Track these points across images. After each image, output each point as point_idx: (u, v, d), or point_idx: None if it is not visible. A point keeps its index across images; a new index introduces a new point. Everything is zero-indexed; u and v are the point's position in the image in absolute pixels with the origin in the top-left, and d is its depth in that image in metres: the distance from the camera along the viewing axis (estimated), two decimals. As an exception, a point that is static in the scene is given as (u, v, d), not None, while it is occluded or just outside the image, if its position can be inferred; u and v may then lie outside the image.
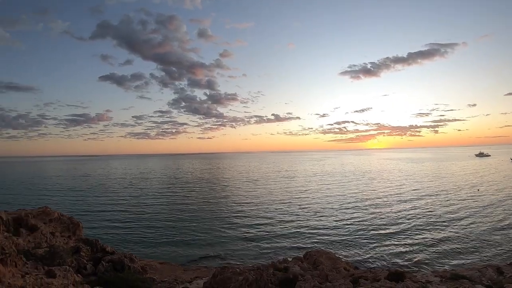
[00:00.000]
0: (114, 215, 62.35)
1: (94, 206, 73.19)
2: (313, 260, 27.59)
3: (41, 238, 23.98)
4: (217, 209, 65.13)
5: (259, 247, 42.63)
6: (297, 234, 47.55)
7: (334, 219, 55.27)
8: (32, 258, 19.42)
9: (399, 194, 78.21)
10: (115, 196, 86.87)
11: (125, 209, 68.47)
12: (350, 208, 63.46)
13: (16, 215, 23.76)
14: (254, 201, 72.81)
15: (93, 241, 27.73)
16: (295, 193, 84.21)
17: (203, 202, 74.65)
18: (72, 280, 18.52)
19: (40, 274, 17.36)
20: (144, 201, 77.30)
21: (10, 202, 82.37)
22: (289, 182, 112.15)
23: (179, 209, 66.43)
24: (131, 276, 22.45)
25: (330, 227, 50.82)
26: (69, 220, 29.05)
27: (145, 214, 63.00)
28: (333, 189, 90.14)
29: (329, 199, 74.00)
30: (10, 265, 16.12)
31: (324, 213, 59.63)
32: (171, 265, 36.66)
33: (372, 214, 57.53)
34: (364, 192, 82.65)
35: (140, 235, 49.06)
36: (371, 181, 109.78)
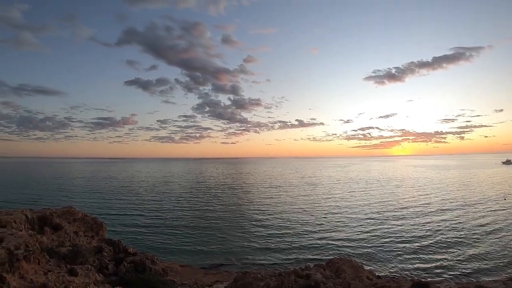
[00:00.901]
0: (136, 217, 62.70)
1: (116, 208, 73.90)
2: (335, 268, 26.88)
3: (65, 237, 24.08)
4: (239, 215, 64.52)
5: (280, 254, 41.97)
6: (319, 243, 46.57)
7: (358, 227, 53.87)
8: (55, 256, 19.43)
9: (425, 203, 75.78)
10: (137, 199, 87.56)
11: (147, 211, 68.84)
12: (375, 216, 61.81)
13: (41, 214, 23.94)
14: (276, 208, 71.83)
15: (115, 242, 27.74)
16: (318, 201, 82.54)
17: (225, 207, 74.20)
18: (93, 279, 18.41)
19: (62, 272, 17.29)
20: (166, 205, 77.55)
21: (35, 201, 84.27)
22: (313, 189, 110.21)
23: (201, 214, 66.30)
24: (152, 278, 22.28)
25: (353, 235, 49.62)
26: (92, 221, 29.19)
27: (166, 217, 63.12)
28: (357, 197, 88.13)
29: (353, 207, 72.30)
30: (33, 262, 16.07)
31: (347, 221, 58.23)
32: (191, 268, 36.50)
33: (397, 224, 55.84)
34: (389, 201, 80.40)
35: (161, 238, 49.10)
36: (397, 189, 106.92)
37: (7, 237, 15.51)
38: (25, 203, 78.97)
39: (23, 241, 15.54)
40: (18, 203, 77.57)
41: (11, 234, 16.04)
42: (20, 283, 14.12)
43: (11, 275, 13.96)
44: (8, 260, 14.21)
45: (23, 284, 14.15)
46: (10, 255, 14.42)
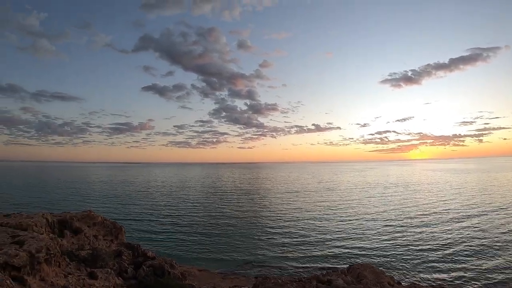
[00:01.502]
0: (152, 222, 62.70)
1: (133, 212, 74.10)
2: (356, 273, 26.32)
3: (84, 241, 24.19)
4: (255, 221, 63.84)
5: (296, 260, 41.25)
6: (337, 250, 45.52)
7: (376, 234, 52.48)
8: (75, 259, 19.49)
9: (444, 209, 73.28)
10: (153, 203, 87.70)
11: (163, 216, 68.76)
12: (393, 223, 60.13)
13: (61, 217, 24.12)
14: (293, 214, 70.74)
15: (134, 246, 27.79)
16: (336, 207, 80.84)
17: (241, 213, 73.68)
18: (113, 282, 18.40)
19: (82, 275, 17.32)
20: (182, 210, 77.46)
21: (54, 204, 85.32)
22: (330, 195, 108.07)
23: (217, 219, 65.94)
24: (171, 282, 22.16)
25: (371, 242, 48.43)
26: (112, 225, 29.33)
27: (182, 222, 62.99)
28: (375, 202, 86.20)
29: (371, 213, 70.61)
30: (54, 265, 16.12)
31: (365, 228, 56.83)
32: (209, 272, 36.27)
33: (416, 231, 54.02)
34: (408, 206, 78.34)
35: (176, 243, 48.97)
36: (415, 194, 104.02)
37: (28, 240, 15.58)
38: (44, 206, 79.99)
39: (44, 244, 15.60)
40: (37, 207, 78.69)
41: (32, 237, 16.12)
42: (41, 285, 14.13)
43: (32, 278, 13.98)
44: (29, 263, 14.24)
45: (43, 286, 14.13)
46: (31, 258, 14.45)
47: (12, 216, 20.00)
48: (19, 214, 21.09)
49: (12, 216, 20.25)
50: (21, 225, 18.13)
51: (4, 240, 15.34)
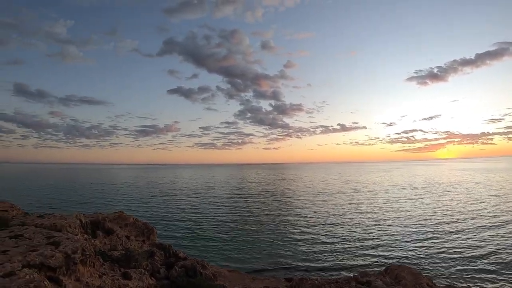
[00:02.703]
0: (179, 222, 62.69)
1: (160, 213, 74.40)
2: (394, 274, 25.32)
3: (117, 241, 24.12)
4: (282, 222, 62.75)
5: (326, 262, 40.21)
6: (367, 251, 44.14)
7: (407, 237, 50.23)
8: (109, 260, 19.34)
9: (476, 211, 69.54)
10: (180, 204, 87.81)
11: (190, 217, 68.68)
12: (423, 226, 57.37)
13: (93, 218, 24.13)
14: (320, 216, 69.24)
15: (166, 246, 27.60)
16: (363, 208, 78.17)
17: (268, 214, 72.78)
18: (146, 283, 18.16)
19: (116, 276, 17.17)
20: (208, 210, 77.24)
21: (83, 205, 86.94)
22: (357, 196, 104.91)
23: (244, 220, 65.34)
24: (203, 283, 21.78)
25: (403, 244, 46.62)
26: (144, 225, 29.28)
27: (209, 222, 62.72)
28: (403, 204, 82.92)
29: (400, 216, 67.39)
30: (89, 266, 16.06)
31: (395, 231, 54.24)
32: (239, 273, 35.78)
33: (450, 233, 51.42)
34: (437, 208, 74.65)
35: (204, 243, 48.69)
36: (444, 195, 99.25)
37: (64, 241, 15.52)
38: (73, 207, 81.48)
39: (80, 245, 15.56)
40: (67, 207, 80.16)
41: (67, 238, 16.05)
42: (76, 285, 14.03)
43: (68, 278, 13.89)
44: (65, 264, 14.17)
45: (79, 286, 14.03)
46: (67, 259, 14.37)
47: (46, 217, 20.04)
48: (52, 215, 21.13)
49: (46, 217, 20.29)
50: (56, 226, 18.11)
51: (40, 241, 15.32)
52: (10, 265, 12.09)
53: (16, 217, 20.61)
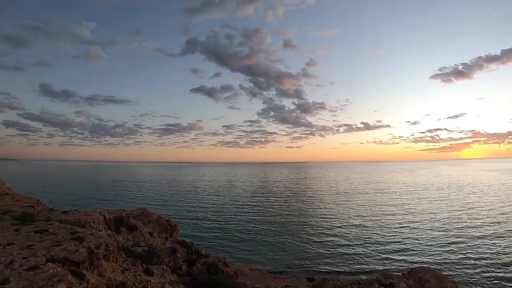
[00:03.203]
0: (201, 220, 62.86)
1: (182, 210, 74.85)
2: (418, 277, 24.60)
3: (140, 237, 24.27)
4: (304, 222, 61.81)
5: (348, 262, 39.35)
6: (390, 252, 42.89)
7: (430, 240, 48.37)
8: (131, 256, 19.42)
9: (505, 214, 65.45)
10: (202, 202, 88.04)
11: (211, 215, 68.77)
12: (449, 227, 55.39)
13: (117, 215, 24.35)
14: (342, 216, 67.66)
15: (188, 244, 27.62)
16: (387, 209, 75.58)
17: (289, 213, 72.01)
18: (168, 279, 18.14)
19: (138, 271, 17.21)
20: (230, 209, 77.14)
21: (108, 202, 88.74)
22: (381, 196, 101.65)
23: (265, 218, 64.91)
24: (224, 280, 21.65)
25: (426, 247, 45.14)
26: (167, 223, 29.43)
27: (231, 220, 62.64)
28: (428, 205, 79.61)
29: (424, 217, 65.19)
30: (112, 261, 16.15)
31: (419, 232, 52.76)
32: (261, 272, 35.55)
33: (476, 237, 48.64)
34: (463, 210, 70.75)
35: (225, 241, 48.61)
36: (469, 197, 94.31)
37: (88, 236, 15.68)
38: (98, 204, 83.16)
39: (104, 241, 15.71)
40: (92, 204, 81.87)
41: (91, 234, 16.20)
42: (99, 280, 14.09)
43: (90, 273, 13.98)
44: (88, 259, 14.29)
45: (101, 281, 14.09)
46: (90, 254, 14.49)
47: (70, 213, 20.29)
48: (77, 211, 21.40)
49: (70, 213, 20.55)
50: (80, 222, 18.32)
51: (64, 236, 15.52)
52: (35, 259, 12.23)
53: (41, 212, 20.95)
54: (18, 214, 18.72)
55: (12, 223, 17.21)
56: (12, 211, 20.01)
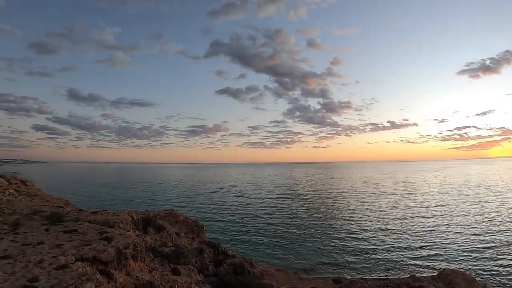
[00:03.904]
0: (227, 221, 62.65)
1: (208, 211, 74.81)
2: (447, 280, 23.69)
3: (167, 238, 24.30)
4: (330, 223, 60.40)
5: (374, 265, 38.22)
6: (417, 256, 41.27)
7: (460, 243, 46.16)
8: (159, 256, 19.42)
9: None
10: (229, 203, 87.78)
11: (238, 215, 68.43)
12: (480, 230, 52.85)
13: (145, 215, 24.48)
14: (368, 217, 65.56)
15: (215, 244, 27.51)
16: (415, 210, 71.99)
17: (315, 214, 70.79)
18: (195, 279, 18.01)
19: (165, 271, 17.18)
20: (255, 209, 76.60)
21: (135, 202, 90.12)
22: (408, 196, 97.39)
23: (290, 220, 63.97)
24: (251, 281, 21.34)
25: (455, 251, 43.29)
26: (193, 223, 29.41)
27: (256, 221, 62.18)
28: (457, 206, 75.42)
29: (453, 219, 61.85)
30: (140, 261, 16.20)
31: (448, 234, 50.72)
32: (287, 273, 35.08)
33: (509, 242, 46.93)
34: (495, 212, 67.32)
35: (250, 241, 48.24)
36: (501, 197, 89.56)
37: (116, 236, 15.75)
38: (126, 204, 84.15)
39: (132, 241, 15.77)
40: (120, 204, 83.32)
41: (119, 234, 16.26)
42: (127, 279, 14.10)
43: (118, 272, 14.01)
44: (116, 258, 14.35)
45: (129, 280, 14.10)
46: (118, 254, 14.54)
47: (99, 214, 20.49)
48: (105, 212, 21.58)
49: (99, 213, 20.75)
50: (108, 222, 18.47)
51: (93, 236, 15.67)
52: (64, 258, 12.31)
53: (70, 213, 21.26)
54: (48, 214, 19.03)
55: (42, 223, 17.49)
56: (42, 211, 20.37)
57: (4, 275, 10.44)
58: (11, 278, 10.26)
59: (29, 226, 17.03)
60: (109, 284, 12.56)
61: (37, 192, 41.29)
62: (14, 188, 39.89)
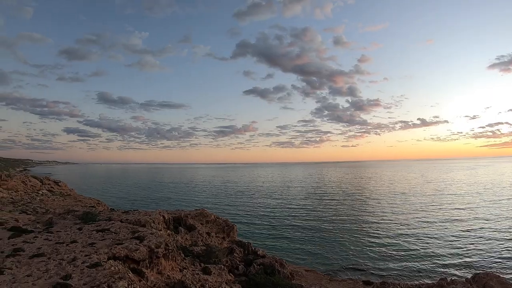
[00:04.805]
0: (256, 221, 61.93)
1: (237, 211, 74.29)
2: (482, 283, 22.39)
3: (198, 237, 24.10)
4: (359, 223, 58.57)
5: (406, 267, 36.80)
6: (449, 259, 39.45)
7: (495, 245, 44.17)
8: (190, 255, 19.25)
9: None
10: (257, 203, 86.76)
11: (267, 215, 67.60)
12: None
13: (176, 215, 24.40)
14: (399, 218, 63.09)
15: (245, 244, 27.08)
16: (447, 211, 67.42)
17: (344, 215, 68.87)
18: (225, 278, 17.70)
19: (196, 270, 16.98)
20: (285, 210, 75.38)
21: (165, 202, 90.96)
22: (439, 196, 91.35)
23: (319, 220, 62.66)
24: (281, 281, 20.83)
25: (490, 253, 41.17)
26: (224, 223, 29.14)
27: (285, 222, 61.24)
28: (492, 207, 69.96)
29: (489, 220, 58.39)
30: (171, 260, 16.10)
31: (482, 236, 48.33)
32: (316, 273, 34.33)
33: None
34: None
35: (280, 242, 47.46)
36: None
37: (148, 236, 15.70)
38: (156, 204, 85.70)
39: (163, 240, 15.77)
40: (150, 204, 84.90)
41: (151, 233, 16.21)
42: (158, 278, 14.01)
43: (150, 270, 13.99)
44: (148, 257, 14.29)
45: (160, 279, 13.98)
46: (150, 253, 14.48)
47: (131, 213, 20.52)
48: (137, 211, 21.61)
49: (131, 213, 20.79)
50: (140, 222, 18.46)
51: (125, 235, 15.66)
52: (97, 256, 12.28)
53: (103, 212, 21.42)
54: (81, 214, 19.22)
55: (74, 222, 17.64)
56: (74, 210, 20.57)
57: (38, 272, 10.47)
58: (45, 276, 10.26)
59: (62, 225, 17.20)
60: (141, 283, 12.45)
61: (69, 192, 42.35)
62: (47, 188, 41.19)
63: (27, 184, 38.67)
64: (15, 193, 33.49)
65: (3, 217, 21.24)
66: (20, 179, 39.56)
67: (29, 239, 14.62)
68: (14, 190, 34.67)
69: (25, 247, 13.15)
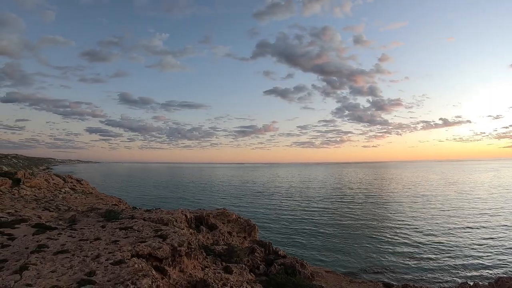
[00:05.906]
0: (275, 221, 61.30)
1: (257, 211, 73.83)
2: (506, 287, 21.51)
3: (219, 236, 23.93)
4: (379, 226, 56.62)
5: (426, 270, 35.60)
6: (471, 263, 37.80)
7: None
8: (211, 254, 19.08)
9: None
10: (277, 203, 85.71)
11: (286, 216, 66.81)
12: None
13: (198, 214, 24.29)
14: (419, 220, 60.48)
15: (266, 244, 26.71)
16: (470, 214, 66.11)
17: (365, 216, 67.00)
18: (246, 278, 17.44)
19: (218, 269, 16.78)
20: (304, 210, 74.12)
21: (186, 201, 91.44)
22: (462, 199, 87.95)
23: (339, 222, 61.31)
24: (301, 282, 20.38)
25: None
26: (246, 222, 28.88)
27: (305, 222, 60.37)
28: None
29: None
30: (193, 258, 15.97)
31: (506, 241, 46.79)
32: (336, 274, 33.63)
33: None
34: None
35: (300, 242, 46.76)
36: None
37: (171, 234, 15.61)
38: (177, 202, 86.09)
39: (186, 239, 15.67)
40: (171, 203, 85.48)
41: (174, 232, 16.12)
42: (180, 276, 13.87)
43: (172, 268, 13.88)
44: (171, 255, 14.19)
45: (182, 277, 13.84)
46: (173, 251, 14.38)
47: (153, 212, 20.49)
48: (159, 210, 21.58)
49: (153, 211, 20.75)
50: (162, 220, 18.43)
51: (148, 233, 15.63)
52: (120, 254, 12.21)
53: (125, 211, 21.50)
54: (104, 212, 19.26)
55: (98, 220, 17.69)
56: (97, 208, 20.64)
57: (62, 268, 10.42)
58: (69, 272, 10.20)
59: (85, 222, 17.29)
60: (163, 280, 12.34)
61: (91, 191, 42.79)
62: (69, 186, 41.77)
63: (50, 182, 39.35)
64: (38, 191, 34.14)
65: (26, 214, 21.54)
66: (43, 177, 40.31)
67: (53, 236, 14.74)
68: (38, 188, 35.36)
69: (49, 244, 13.21)
